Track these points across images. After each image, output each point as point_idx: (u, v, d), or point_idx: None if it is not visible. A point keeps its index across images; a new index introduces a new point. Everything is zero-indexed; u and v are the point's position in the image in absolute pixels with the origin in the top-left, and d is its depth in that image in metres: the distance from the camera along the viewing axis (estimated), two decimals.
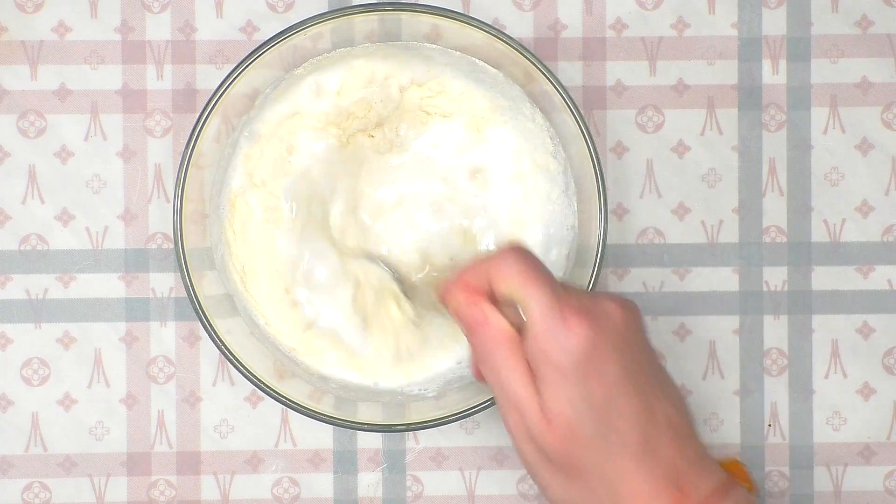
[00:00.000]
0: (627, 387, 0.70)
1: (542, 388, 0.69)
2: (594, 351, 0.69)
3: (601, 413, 0.69)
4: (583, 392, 0.69)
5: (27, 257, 0.86)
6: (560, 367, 0.69)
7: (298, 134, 0.82)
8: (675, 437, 0.70)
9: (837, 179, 0.87)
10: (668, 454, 0.70)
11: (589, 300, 0.70)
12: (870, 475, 0.87)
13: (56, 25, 0.86)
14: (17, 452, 0.86)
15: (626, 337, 0.70)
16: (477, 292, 0.71)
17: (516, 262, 0.70)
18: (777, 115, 0.87)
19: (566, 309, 0.69)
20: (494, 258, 0.71)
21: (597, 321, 0.69)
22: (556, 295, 0.70)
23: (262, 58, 0.80)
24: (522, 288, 0.70)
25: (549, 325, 0.69)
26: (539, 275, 0.70)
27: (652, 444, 0.70)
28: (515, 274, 0.70)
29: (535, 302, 0.69)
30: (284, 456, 0.87)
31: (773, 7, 0.87)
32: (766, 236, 0.87)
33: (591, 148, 0.80)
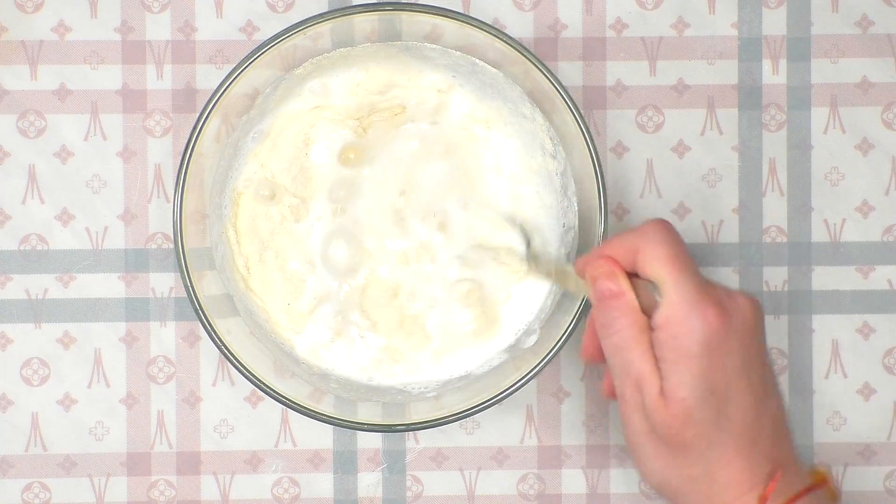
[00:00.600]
0: (744, 380, 0.72)
1: (665, 368, 0.72)
2: (723, 342, 0.71)
3: (718, 400, 0.71)
4: (705, 378, 0.71)
5: (27, 257, 0.86)
6: (689, 352, 0.71)
7: (317, 126, 0.82)
8: (776, 436, 0.73)
9: (837, 179, 0.87)
10: (767, 449, 0.73)
11: (725, 294, 0.73)
12: (870, 475, 0.87)
13: (56, 25, 0.86)
14: (17, 452, 0.86)
15: (752, 334, 0.73)
16: (618, 265, 0.74)
17: (665, 244, 0.72)
18: (777, 115, 0.87)
19: (706, 299, 0.71)
20: (644, 236, 0.73)
21: (730, 315, 0.72)
22: (697, 284, 0.72)
23: (262, 58, 0.80)
24: (668, 271, 0.72)
25: (686, 311, 0.71)
26: (685, 260, 0.72)
27: (755, 437, 0.72)
28: (664, 256, 0.72)
29: (678, 287, 0.72)
30: (284, 456, 0.86)
31: (773, 7, 0.87)
32: (766, 236, 0.87)
33: (591, 148, 0.80)
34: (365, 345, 0.83)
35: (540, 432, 0.87)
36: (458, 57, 0.83)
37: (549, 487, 0.87)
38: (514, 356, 0.83)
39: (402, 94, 0.83)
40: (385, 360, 0.83)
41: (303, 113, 0.82)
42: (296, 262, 0.83)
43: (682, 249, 0.73)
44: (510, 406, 0.87)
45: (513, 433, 0.87)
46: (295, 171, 0.82)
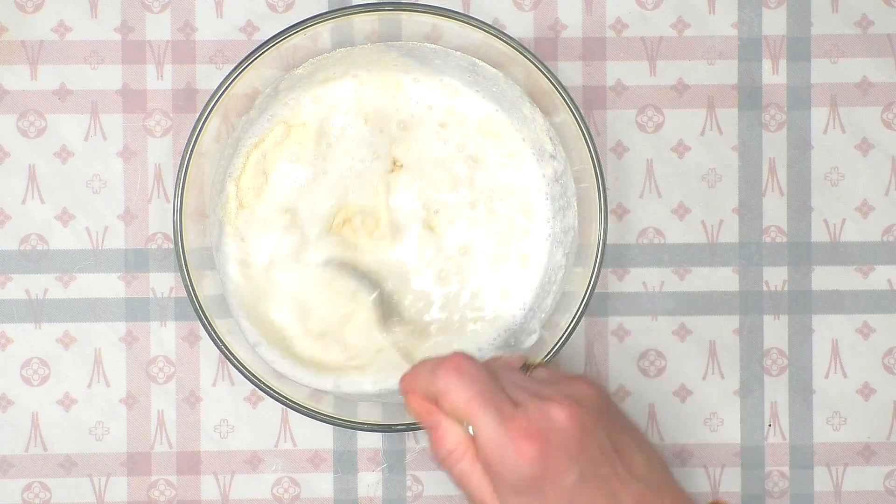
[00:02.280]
0: (586, 487, 0.70)
1: (501, 497, 0.71)
2: (547, 467, 0.69)
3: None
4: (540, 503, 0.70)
5: (27, 257, 0.86)
6: (515, 488, 0.70)
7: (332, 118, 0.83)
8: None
9: (837, 179, 0.87)
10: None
11: (538, 415, 0.70)
12: (870, 475, 0.87)
13: (56, 25, 0.86)
14: (17, 452, 0.86)
15: (579, 439, 0.70)
16: (430, 401, 0.72)
17: (458, 388, 0.71)
18: (777, 115, 0.87)
19: (513, 432, 0.69)
20: (436, 381, 0.71)
21: (547, 438, 0.70)
22: (502, 417, 0.70)
23: (262, 58, 0.80)
24: (470, 416, 0.70)
25: (497, 450, 0.70)
26: (483, 395, 0.70)
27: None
28: (459, 402, 0.71)
29: (483, 429, 0.70)
30: (284, 456, 0.86)
31: (773, 7, 0.87)
32: (766, 236, 0.87)
33: (591, 148, 0.80)
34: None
35: None
36: (458, 57, 0.83)
37: None
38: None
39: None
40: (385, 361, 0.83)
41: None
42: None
43: (478, 385, 0.71)
44: None
45: None
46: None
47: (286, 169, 0.82)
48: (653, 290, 0.87)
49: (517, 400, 0.71)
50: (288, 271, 0.83)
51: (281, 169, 0.82)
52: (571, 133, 0.81)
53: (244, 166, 0.82)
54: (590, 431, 0.71)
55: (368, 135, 0.83)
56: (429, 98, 0.83)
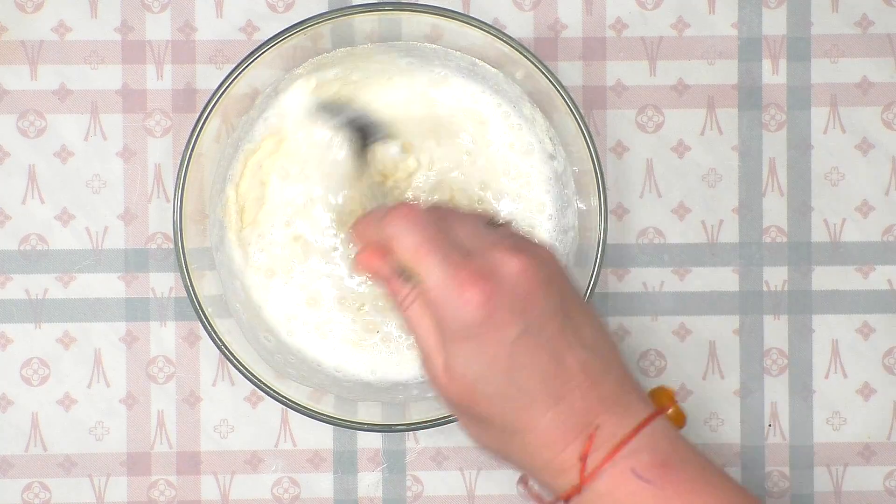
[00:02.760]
0: (530, 344, 0.69)
1: (445, 347, 0.69)
2: (492, 315, 0.68)
3: (503, 373, 0.69)
4: (481, 354, 0.68)
5: (27, 257, 0.86)
6: (457, 334, 0.69)
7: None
8: (588, 381, 0.69)
9: (837, 179, 0.87)
10: (578, 400, 0.69)
11: (488, 263, 0.69)
12: (870, 475, 0.87)
13: (56, 25, 0.86)
14: (17, 452, 0.86)
15: (529, 292, 0.69)
16: (378, 252, 0.71)
17: (406, 233, 0.70)
18: (777, 115, 0.87)
19: (460, 277, 0.68)
20: (385, 228, 0.71)
21: (494, 285, 0.68)
22: (451, 264, 0.69)
23: (262, 58, 0.80)
24: (417, 262, 0.69)
25: (444, 295, 0.68)
26: (431, 241, 0.69)
27: (560, 394, 0.69)
28: (408, 248, 0.70)
29: (430, 275, 0.69)
30: (284, 456, 0.86)
31: (773, 7, 0.87)
32: (766, 236, 0.87)
33: (591, 148, 0.80)
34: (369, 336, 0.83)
35: None
36: (458, 57, 0.83)
37: None
38: None
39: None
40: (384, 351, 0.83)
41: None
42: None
43: (425, 232, 0.70)
44: None
45: None
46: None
47: (279, 184, 0.82)
48: (653, 290, 0.87)
49: (469, 249, 0.70)
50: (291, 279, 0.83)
51: (275, 182, 0.83)
52: (571, 133, 0.81)
53: (242, 173, 0.82)
54: (541, 288, 0.69)
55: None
56: (428, 98, 0.83)
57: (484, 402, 0.69)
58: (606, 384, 0.70)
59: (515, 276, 0.69)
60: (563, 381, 0.69)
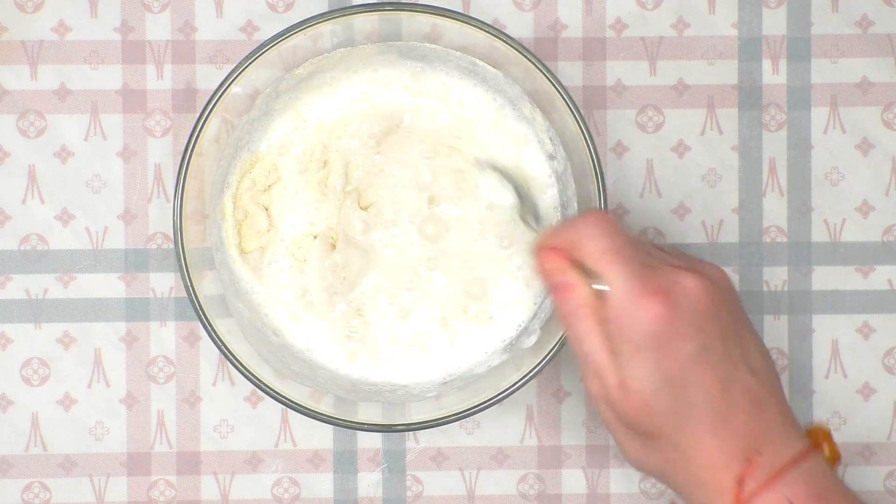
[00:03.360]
0: (703, 362, 0.71)
1: (620, 360, 0.71)
2: (669, 330, 0.70)
3: (676, 388, 0.71)
4: (658, 369, 0.71)
5: (27, 257, 0.86)
6: (635, 345, 0.71)
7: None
8: (753, 407, 0.72)
9: (837, 179, 0.87)
10: (742, 424, 0.71)
11: (670, 279, 0.71)
12: (870, 475, 0.87)
13: (56, 25, 0.86)
14: (17, 452, 0.86)
15: (706, 312, 0.71)
16: (563, 257, 0.73)
17: (599, 237, 0.72)
18: (777, 115, 0.87)
19: (644, 289, 0.71)
20: (579, 229, 0.73)
21: (674, 300, 0.71)
22: (636, 274, 0.71)
23: (262, 58, 0.80)
24: (604, 266, 0.72)
25: (626, 305, 0.71)
26: (621, 251, 0.72)
27: (726, 416, 0.71)
28: (597, 251, 0.72)
29: (615, 281, 0.71)
30: (284, 456, 0.86)
31: (774, 7, 0.87)
32: (766, 236, 0.87)
33: (591, 148, 0.80)
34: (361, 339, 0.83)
35: (540, 432, 0.87)
36: (458, 57, 0.83)
37: (549, 487, 0.87)
38: (514, 356, 0.83)
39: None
40: (382, 355, 0.83)
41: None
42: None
43: (617, 240, 0.72)
44: (510, 406, 0.87)
45: (513, 433, 0.87)
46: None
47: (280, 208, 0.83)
48: None
49: (651, 264, 0.72)
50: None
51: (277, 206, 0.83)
52: (571, 133, 0.81)
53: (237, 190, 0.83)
54: (717, 308, 0.72)
55: (367, 136, 0.83)
56: (429, 97, 0.83)
57: (657, 417, 0.71)
58: (769, 412, 0.72)
59: (696, 294, 0.71)
60: (728, 404, 0.71)
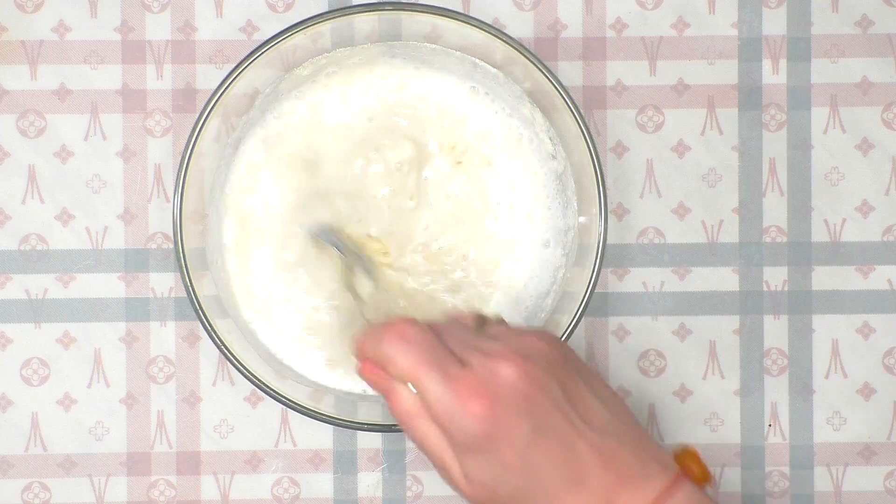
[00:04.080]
0: (539, 441, 0.70)
1: (458, 457, 0.71)
2: (495, 426, 0.70)
3: (519, 472, 0.70)
4: (495, 462, 0.70)
5: (27, 257, 0.86)
6: (468, 447, 0.70)
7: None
8: (603, 461, 0.70)
9: (837, 179, 0.87)
10: (596, 480, 0.70)
11: (484, 372, 0.70)
12: (870, 475, 0.87)
13: (56, 25, 0.86)
14: (17, 452, 0.86)
15: (529, 394, 0.70)
16: (377, 368, 0.73)
17: (402, 354, 0.71)
18: (777, 115, 0.87)
19: (460, 391, 0.70)
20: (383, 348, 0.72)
21: (494, 394, 0.70)
22: (448, 378, 0.70)
23: (262, 58, 0.80)
24: (415, 380, 0.71)
25: (446, 411, 0.70)
26: (426, 360, 0.71)
27: (578, 479, 0.70)
28: (404, 368, 0.71)
29: (428, 391, 0.70)
30: (284, 456, 0.86)
31: (774, 7, 0.87)
32: (766, 236, 0.87)
33: (591, 148, 0.80)
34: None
35: None
36: (458, 57, 0.83)
37: None
38: None
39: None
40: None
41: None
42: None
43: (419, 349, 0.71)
44: None
45: None
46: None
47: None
48: (653, 290, 0.87)
49: (464, 359, 0.71)
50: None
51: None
52: (571, 133, 0.81)
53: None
54: (539, 384, 0.70)
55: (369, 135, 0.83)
56: (430, 97, 0.83)
57: (507, 501, 0.71)
58: (622, 460, 0.71)
59: (514, 381, 0.70)
60: (577, 468, 0.70)
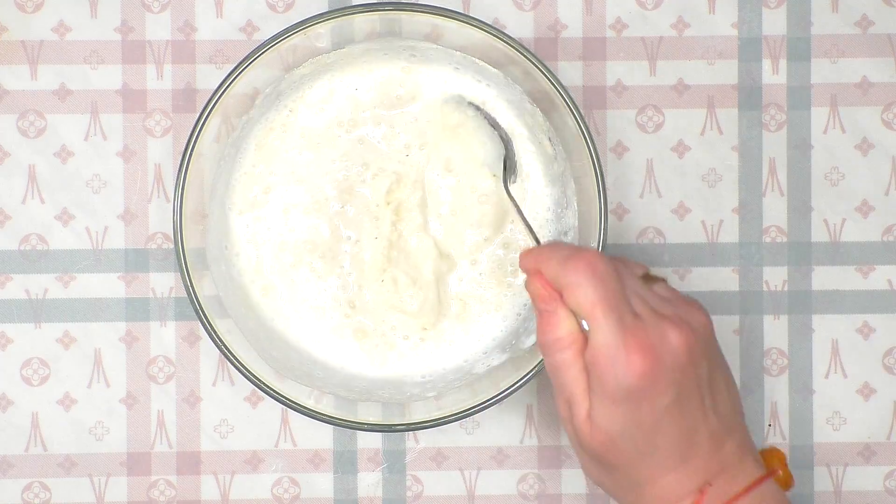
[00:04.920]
0: (675, 412, 0.71)
1: (594, 399, 0.71)
2: (649, 385, 0.70)
3: (646, 434, 0.71)
4: (631, 417, 0.71)
5: (27, 257, 0.86)
6: (613, 393, 0.71)
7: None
8: (713, 446, 0.73)
9: (837, 179, 0.87)
10: (701, 461, 0.72)
11: (656, 333, 0.71)
12: (870, 475, 0.87)
13: (56, 25, 0.86)
14: (17, 452, 0.86)
15: (686, 366, 0.71)
16: (553, 289, 0.73)
17: (587, 287, 0.71)
18: (777, 115, 0.87)
19: (630, 343, 0.70)
20: (569, 274, 0.72)
21: (658, 357, 0.70)
22: (623, 327, 0.71)
23: (262, 58, 0.80)
24: (591, 316, 0.71)
25: (610, 356, 0.70)
26: (609, 300, 0.71)
27: (685, 457, 0.72)
28: (585, 301, 0.71)
29: (601, 331, 0.71)
30: (284, 456, 0.86)
31: (773, 7, 0.87)
32: (766, 236, 0.87)
33: (590, 148, 0.80)
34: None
35: (540, 432, 0.87)
36: (459, 57, 0.83)
37: (549, 487, 0.87)
38: (513, 356, 0.83)
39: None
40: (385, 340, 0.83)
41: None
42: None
43: (604, 290, 0.71)
44: (510, 406, 0.87)
45: (513, 433, 0.87)
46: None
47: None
48: None
49: (638, 312, 0.72)
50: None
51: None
52: (571, 133, 0.81)
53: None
54: (696, 360, 0.72)
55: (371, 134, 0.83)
56: (431, 95, 0.83)
57: (620, 454, 0.72)
58: (728, 448, 0.73)
59: (679, 350, 0.71)
60: (690, 446, 0.72)
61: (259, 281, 0.83)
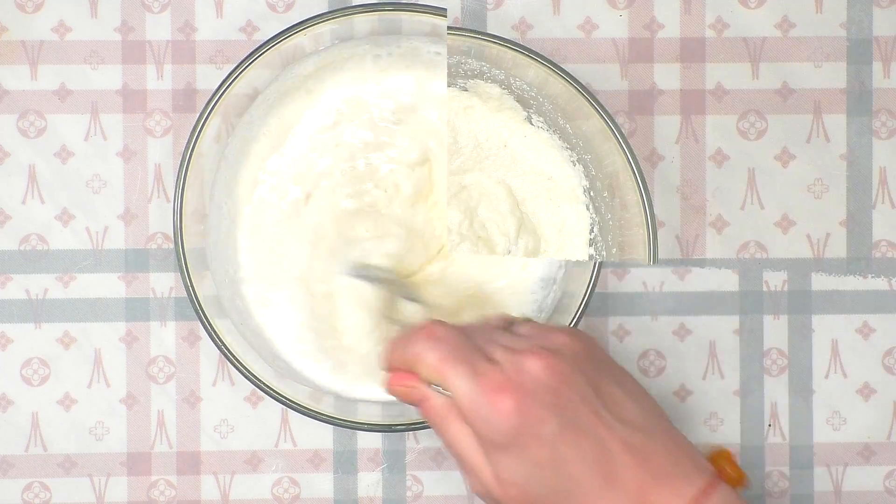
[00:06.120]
0: (569, 436, 0.70)
1: (489, 458, 0.71)
2: (524, 420, 0.69)
3: (550, 469, 0.70)
4: (525, 459, 0.70)
5: (27, 257, 0.86)
6: (497, 443, 0.70)
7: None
8: (636, 459, 0.70)
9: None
10: (629, 479, 0.70)
11: (512, 368, 0.70)
12: (870, 475, 0.88)
13: (56, 25, 0.86)
14: (17, 452, 0.86)
15: (557, 388, 0.70)
16: (407, 375, 0.73)
17: (428, 350, 0.71)
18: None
19: (487, 387, 0.70)
20: (410, 347, 0.72)
21: (522, 389, 0.70)
22: (475, 374, 0.70)
23: (262, 58, 0.80)
24: (441, 377, 0.71)
25: (473, 406, 0.70)
26: (453, 354, 0.71)
27: (610, 477, 0.70)
28: (432, 365, 0.71)
29: (455, 385, 0.70)
30: (284, 456, 0.87)
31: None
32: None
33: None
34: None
35: None
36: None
37: None
38: None
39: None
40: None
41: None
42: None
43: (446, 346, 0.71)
44: None
45: None
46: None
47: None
48: (653, 290, 0.87)
49: (492, 357, 0.71)
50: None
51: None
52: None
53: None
54: (567, 379, 0.70)
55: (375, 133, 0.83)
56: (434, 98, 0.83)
57: (542, 500, 0.70)
58: (655, 457, 0.70)
59: (540, 374, 0.70)
60: (608, 464, 0.70)
61: (259, 281, 0.83)
